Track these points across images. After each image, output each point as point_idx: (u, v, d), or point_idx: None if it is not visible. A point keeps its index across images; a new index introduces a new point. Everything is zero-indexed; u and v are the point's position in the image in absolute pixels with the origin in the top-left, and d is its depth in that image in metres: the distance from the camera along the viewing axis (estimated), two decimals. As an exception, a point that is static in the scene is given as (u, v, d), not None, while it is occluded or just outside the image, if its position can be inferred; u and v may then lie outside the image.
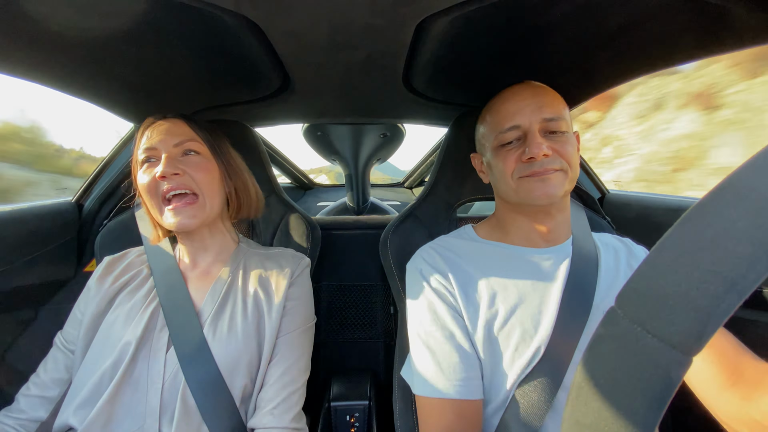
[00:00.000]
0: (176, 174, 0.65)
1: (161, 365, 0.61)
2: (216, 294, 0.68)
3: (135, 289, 0.69)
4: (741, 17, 0.52)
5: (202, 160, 0.69)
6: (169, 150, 0.66)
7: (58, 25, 0.56)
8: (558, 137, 0.61)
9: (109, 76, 0.75)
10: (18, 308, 0.98)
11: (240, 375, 0.63)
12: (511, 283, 0.62)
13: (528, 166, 0.60)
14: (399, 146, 1.63)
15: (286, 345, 0.68)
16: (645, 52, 0.67)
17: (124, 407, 0.58)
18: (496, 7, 0.53)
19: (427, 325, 0.62)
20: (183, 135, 0.68)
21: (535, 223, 0.66)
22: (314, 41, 0.60)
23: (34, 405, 0.65)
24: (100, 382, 0.59)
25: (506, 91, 0.66)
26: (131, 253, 0.77)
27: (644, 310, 0.22)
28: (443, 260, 0.66)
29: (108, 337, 0.63)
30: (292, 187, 2.54)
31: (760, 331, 0.74)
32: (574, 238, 0.68)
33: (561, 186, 0.60)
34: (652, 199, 1.07)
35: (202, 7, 0.50)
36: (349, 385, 1.08)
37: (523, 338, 0.58)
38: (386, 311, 1.26)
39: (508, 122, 0.62)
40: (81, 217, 1.08)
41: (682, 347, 0.20)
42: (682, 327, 0.20)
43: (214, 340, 0.63)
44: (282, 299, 0.69)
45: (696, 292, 0.20)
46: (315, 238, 0.94)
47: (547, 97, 0.63)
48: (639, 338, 0.21)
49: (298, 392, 0.66)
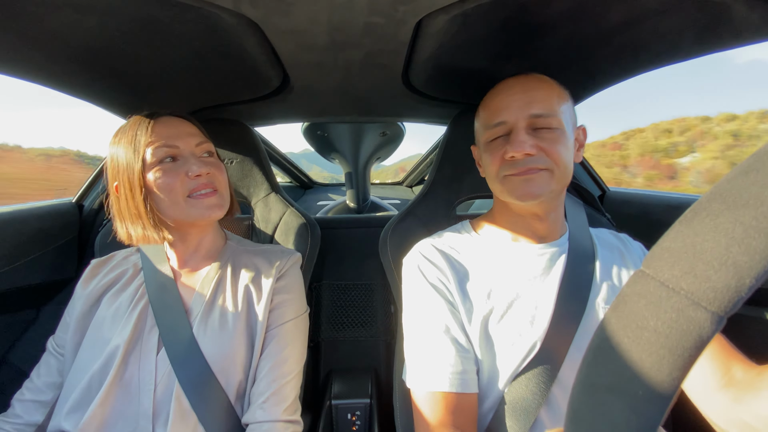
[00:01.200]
0: (208, 173, 0.66)
1: (152, 367, 0.60)
2: (205, 292, 0.68)
3: (122, 289, 0.69)
4: (741, 14, 0.52)
5: (216, 160, 0.71)
6: (193, 149, 0.67)
7: (57, 25, 0.56)
8: (546, 134, 0.58)
9: (109, 76, 0.75)
10: (19, 308, 0.98)
11: (235, 372, 0.63)
12: (508, 278, 0.63)
13: (512, 164, 0.59)
14: (399, 145, 1.63)
15: (275, 338, 0.68)
16: (645, 49, 0.67)
17: (116, 411, 0.58)
18: (495, 5, 0.53)
19: (423, 318, 0.62)
20: (199, 136, 0.69)
21: (528, 220, 0.66)
22: (313, 40, 0.60)
23: (29, 409, 0.65)
24: (89, 386, 0.59)
25: (500, 84, 0.64)
26: (118, 255, 0.77)
27: (678, 267, 0.21)
28: (440, 255, 0.66)
29: (96, 339, 0.63)
30: (292, 186, 2.54)
31: (763, 328, 0.74)
32: (570, 234, 0.68)
33: (546, 186, 0.58)
34: (652, 196, 1.07)
35: (201, 7, 0.50)
36: (350, 383, 1.08)
37: (519, 333, 0.58)
38: (386, 309, 1.26)
39: (495, 117, 0.61)
40: (81, 218, 1.08)
41: (717, 305, 0.20)
42: (719, 283, 0.20)
43: (206, 338, 0.63)
44: (270, 293, 0.69)
45: (738, 248, 0.19)
46: (314, 236, 0.94)
47: (540, 92, 0.59)
48: (671, 295, 0.21)
49: (289, 384, 0.66)
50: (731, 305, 0.20)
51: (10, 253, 0.90)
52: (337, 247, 1.30)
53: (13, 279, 0.91)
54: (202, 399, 0.59)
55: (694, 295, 0.20)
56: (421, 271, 0.65)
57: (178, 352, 0.61)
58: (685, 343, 0.20)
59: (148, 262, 0.71)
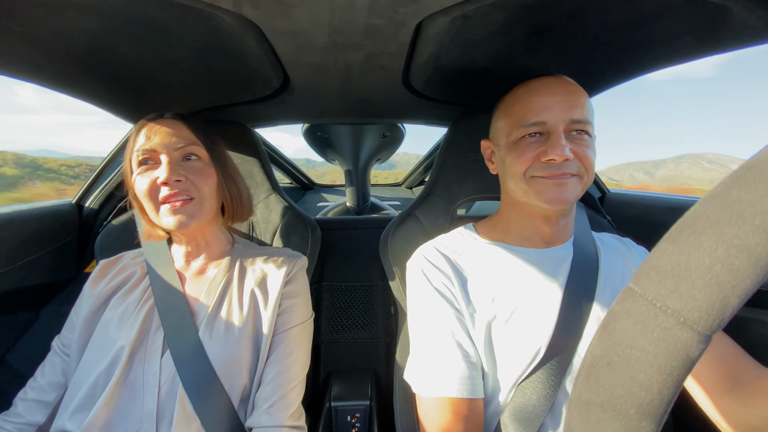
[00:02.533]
0: (178, 180, 0.64)
1: (157, 368, 0.60)
2: (211, 295, 0.67)
3: (129, 290, 0.69)
4: (741, 16, 0.52)
5: (203, 165, 0.68)
6: (170, 154, 0.64)
7: (58, 26, 0.56)
8: (581, 140, 0.58)
9: (109, 77, 0.75)
10: (19, 309, 0.98)
11: (239, 375, 0.63)
12: (512, 283, 0.62)
13: (545, 166, 0.57)
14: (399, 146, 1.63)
15: (281, 343, 0.67)
16: (645, 51, 0.67)
17: (121, 412, 0.58)
18: (495, 7, 0.53)
19: (429, 323, 0.62)
20: (184, 138, 0.66)
21: (539, 224, 0.65)
22: (314, 41, 0.60)
23: (31, 409, 0.64)
24: (95, 387, 0.59)
25: (535, 81, 0.61)
26: (126, 255, 0.77)
27: (664, 286, 0.21)
28: (444, 259, 0.66)
29: (103, 340, 0.63)
30: (293, 187, 2.54)
31: (762, 330, 0.74)
32: (575, 239, 0.67)
33: (575, 192, 0.58)
34: (652, 198, 1.07)
35: (201, 8, 0.50)
36: (350, 385, 1.08)
37: (523, 339, 0.58)
38: (387, 311, 1.25)
39: (533, 116, 0.58)
40: (81, 218, 1.08)
41: (702, 324, 0.20)
42: (704, 303, 0.20)
43: (212, 341, 0.62)
44: (277, 297, 0.69)
45: (720, 267, 0.19)
46: (315, 238, 0.94)
47: (579, 98, 0.58)
48: (657, 314, 0.21)
49: (294, 390, 0.66)
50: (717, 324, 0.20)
51: (9, 253, 0.89)
52: (337, 248, 1.29)
53: (13, 280, 0.91)
54: (204, 402, 0.59)
55: (681, 315, 0.20)
56: (425, 276, 0.65)
57: (183, 355, 0.61)
58: (673, 362, 0.20)
59: (154, 263, 0.71)
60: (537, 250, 0.65)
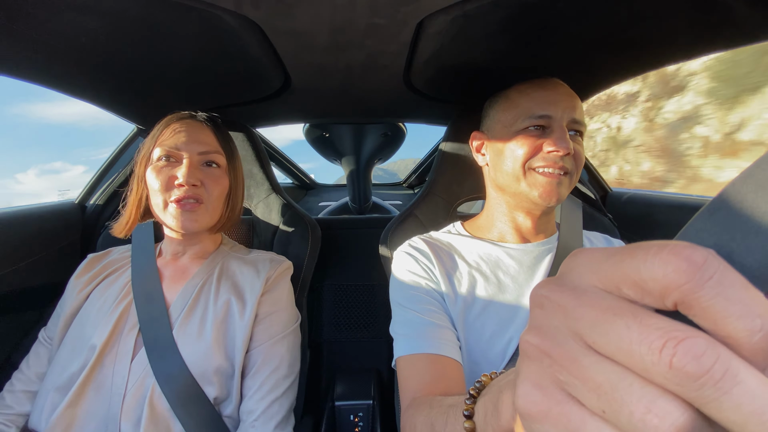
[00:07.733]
0: (194, 185, 0.65)
1: (126, 371, 0.59)
2: (188, 293, 0.67)
3: (110, 284, 0.69)
4: (743, 14, 0.52)
5: (220, 174, 0.69)
6: (193, 156, 0.66)
7: (58, 27, 0.56)
8: (577, 140, 0.63)
9: (110, 77, 0.75)
10: (22, 310, 0.98)
11: (213, 381, 0.61)
12: (493, 275, 0.64)
13: (545, 157, 0.60)
14: (400, 146, 1.63)
15: (262, 355, 0.66)
16: (647, 49, 0.67)
17: (87, 413, 0.57)
18: (496, 5, 0.53)
19: (408, 296, 0.64)
20: (209, 144, 0.68)
21: (521, 218, 0.68)
22: (315, 41, 0.60)
23: (20, 400, 0.64)
24: (66, 386, 0.58)
25: (540, 80, 0.65)
26: (115, 251, 0.77)
27: None
28: (429, 247, 0.69)
29: (77, 337, 0.63)
30: (293, 186, 2.54)
31: None
32: (560, 235, 0.69)
33: (566, 190, 0.62)
34: (656, 196, 1.07)
35: (203, 8, 0.51)
36: (353, 384, 1.08)
37: (498, 327, 0.60)
38: (388, 310, 1.25)
39: (541, 109, 0.61)
40: (84, 218, 1.09)
41: None
42: None
43: (185, 341, 0.62)
44: (255, 307, 0.67)
45: None
46: (315, 237, 0.94)
47: (578, 101, 0.64)
48: None
49: (279, 400, 0.65)
50: None
51: (11, 254, 0.90)
52: (338, 248, 1.30)
53: (16, 281, 0.91)
54: (183, 404, 0.58)
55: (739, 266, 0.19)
56: (410, 256, 0.68)
57: (156, 349, 0.60)
58: None
59: (138, 253, 0.71)
60: (519, 245, 0.67)
